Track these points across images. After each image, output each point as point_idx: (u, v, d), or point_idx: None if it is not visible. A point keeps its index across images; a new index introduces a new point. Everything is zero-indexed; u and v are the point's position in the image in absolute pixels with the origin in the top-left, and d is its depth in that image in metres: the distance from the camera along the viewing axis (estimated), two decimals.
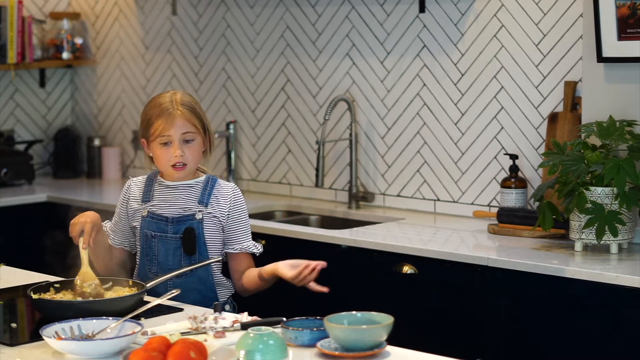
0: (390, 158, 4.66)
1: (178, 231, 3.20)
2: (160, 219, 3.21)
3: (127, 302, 2.86)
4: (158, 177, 3.28)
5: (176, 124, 3.16)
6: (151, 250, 3.22)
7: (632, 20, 3.74)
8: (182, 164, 3.18)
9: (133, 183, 3.31)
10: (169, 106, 3.17)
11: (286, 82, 5.02)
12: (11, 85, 5.80)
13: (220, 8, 5.25)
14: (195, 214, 3.20)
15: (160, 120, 3.16)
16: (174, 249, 3.20)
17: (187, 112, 3.18)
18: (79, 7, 5.94)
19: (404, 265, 3.89)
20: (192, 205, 3.21)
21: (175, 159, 3.17)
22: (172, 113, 3.16)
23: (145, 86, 5.65)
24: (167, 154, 3.18)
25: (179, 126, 3.16)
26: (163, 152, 3.18)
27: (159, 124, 3.16)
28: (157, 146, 3.19)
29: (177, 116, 3.16)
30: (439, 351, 2.69)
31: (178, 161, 3.17)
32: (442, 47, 4.46)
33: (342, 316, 2.64)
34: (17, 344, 2.70)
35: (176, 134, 3.16)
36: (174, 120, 3.16)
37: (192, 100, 3.23)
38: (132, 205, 3.27)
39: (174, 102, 3.18)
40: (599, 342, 3.44)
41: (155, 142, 3.19)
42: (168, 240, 3.21)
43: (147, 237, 3.22)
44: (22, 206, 5.18)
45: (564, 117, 4.06)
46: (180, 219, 3.20)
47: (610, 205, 3.60)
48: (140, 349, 2.42)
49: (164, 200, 3.23)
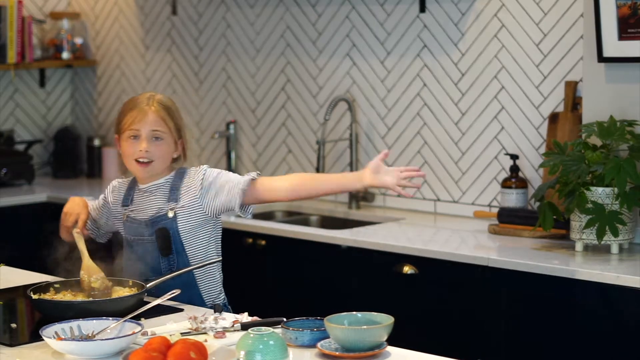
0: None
1: (153, 233, 3.14)
2: (137, 222, 3.17)
3: (127, 302, 2.86)
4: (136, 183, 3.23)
5: (147, 119, 3.10)
6: (133, 254, 3.18)
7: (633, 20, 3.73)
8: (147, 160, 3.11)
9: (116, 187, 3.25)
10: (143, 101, 3.13)
11: (286, 82, 5.02)
12: (11, 85, 5.79)
13: (221, 8, 5.24)
14: (167, 213, 3.13)
15: (131, 114, 3.11)
16: (152, 251, 3.15)
17: (161, 109, 3.12)
18: (79, 7, 5.94)
19: (404, 265, 3.88)
20: (163, 205, 3.14)
21: (140, 153, 3.09)
22: (144, 108, 3.11)
23: (145, 86, 5.65)
24: (133, 147, 3.10)
25: (149, 122, 3.10)
26: (129, 146, 3.11)
27: (130, 116, 3.11)
28: (125, 139, 3.13)
29: (149, 112, 3.10)
30: (439, 351, 2.69)
31: (142, 156, 3.10)
32: (442, 47, 4.46)
33: (343, 316, 2.64)
34: (17, 344, 2.69)
35: (145, 128, 3.10)
36: (145, 115, 3.10)
37: (171, 103, 3.17)
38: (115, 208, 3.23)
39: (150, 99, 3.13)
40: (600, 342, 3.44)
41: (124, 135, 3.13)
42: (145, 243, 3.16)
43: (128, 242, 3.19)
44: (22, 206, 5.18)
45: (565, 117, 4.06)
46: (154, 221, 3.13)
47: (611, 206, 3.60)
48: (140, 349, 2.42)
49: (140, 203, 3.18)
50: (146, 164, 3.12)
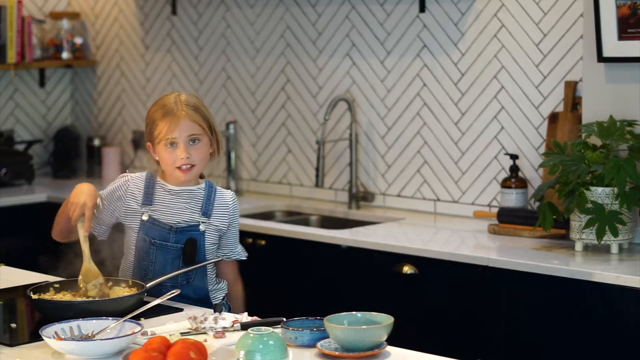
0: (390, 158, 4.65)
1: (180, 241, 3.11)
2: (162, 226, 3.12)
3: (127, 303, 2.86)
4: (158, 178, 3.17)
5: (181, 125, 3.07)
6: (148, 257, 3.13)
7: (633, 20, 3.73)
8: (189, 165, 3.09)
9: (132, 181, 3.16)
10: (173, 107, 3.09)
11: (286, 82, 5.02)
12: (11, 85, 5.79)
13: (220, 8, 5.24)
14: (199, 225, 3.12)
15: (164, 122, 3.07)
16: (173, 259, 3.12)
17: (192, 112, 3.09)
18: (79, 7, 5.94)
19: (404, 265, 3.88)
20: (195, 216, 3.13)
21: (182, 160, 3.07)
22: (176, 114, 3.07)
23: (145, 86, 5.65)
24: (173, 156, 3.08)
25: (184, 127, 3.07)
26: (169, 155, 3.08)
27: (163, 125, 3.07)
28: (162, 148, 3.09)
29: (181, 117, 3.07)
30: (439, 351, 2.69)
31: (184, 163, 3.08)
32: (442, 47, 4.46)
33: (342, 316, 2.64)
34: (17, 344, 2.69)
35: (181, 135, 3.07)
36: (178, 121, 3.07)
37: (197, 101, 3.14)
38: (130, 205, 3.14)
39: (178, 103, 3.10)
40: (600, 342, 3.44)
41: (161, 144, 3.09)
42: (168, 249, 3.12)
43: (145, 243, 3.12)
44: (21, 206, 5.17)
45: (565, 117, 4.06)
46: (185, 229, 3.11)
47: (611, 205, 3.60)
48: (140, 349, 2.41)
49: (166, 206, 3.13)
50: (189, 169, 3.10)
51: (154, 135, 3.11)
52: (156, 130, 3.09)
